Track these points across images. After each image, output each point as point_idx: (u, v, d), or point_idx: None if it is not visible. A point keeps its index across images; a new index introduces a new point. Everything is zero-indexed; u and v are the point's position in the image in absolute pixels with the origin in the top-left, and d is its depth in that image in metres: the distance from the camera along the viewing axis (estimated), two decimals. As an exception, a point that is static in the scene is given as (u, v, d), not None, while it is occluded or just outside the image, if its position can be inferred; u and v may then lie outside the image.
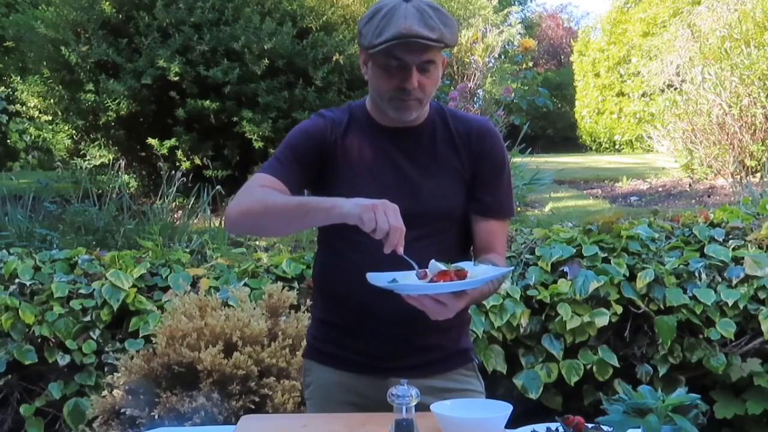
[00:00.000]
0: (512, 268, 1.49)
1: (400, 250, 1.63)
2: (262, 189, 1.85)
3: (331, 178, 1.93)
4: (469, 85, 7.11)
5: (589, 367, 3.56)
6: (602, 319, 3.55)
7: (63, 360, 3.59)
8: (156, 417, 2.80)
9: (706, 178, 8.55)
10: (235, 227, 1.96)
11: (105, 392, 3.11)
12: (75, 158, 9.12)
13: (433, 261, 1.70)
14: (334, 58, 7.62)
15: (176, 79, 7.45)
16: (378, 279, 1.69)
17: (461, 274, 1.67)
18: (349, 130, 1.95)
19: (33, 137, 11.60)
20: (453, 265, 1.70)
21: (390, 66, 1.82)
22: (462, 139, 1.95)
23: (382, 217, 1.61)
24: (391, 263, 1.70)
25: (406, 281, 1.69)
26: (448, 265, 1.69)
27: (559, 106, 18.66)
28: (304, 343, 2.12)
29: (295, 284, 3.71)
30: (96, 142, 8.67)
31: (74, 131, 9.06)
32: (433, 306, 1.67)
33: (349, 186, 1.89)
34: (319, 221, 1.84)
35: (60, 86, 8.32)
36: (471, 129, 1.97)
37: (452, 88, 6.86)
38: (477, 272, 1.70)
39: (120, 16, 7.87)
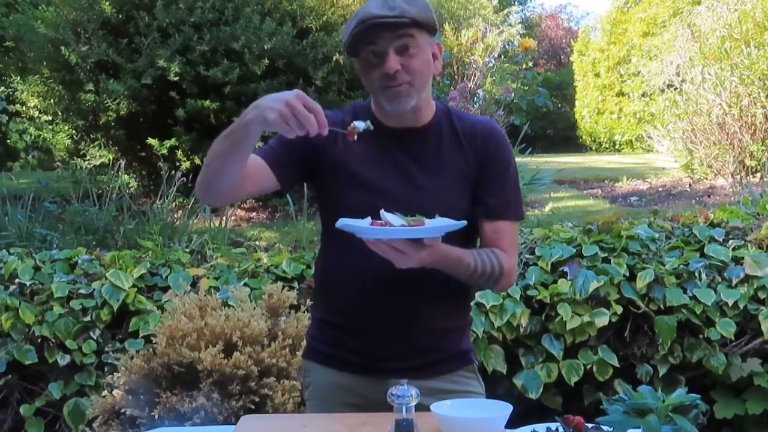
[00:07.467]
0: (464, 222, 1.44)
1: (325, 132, 1.67)
2: None
3: (333, 178, 1.93)
4: (469, 85, 7.12)
5: (589, 367, 3.56)
6: (602, 319, 3.55)
7: (63, 360, 3.59)
8: (156, 417, 2.79)
9: (706, 178, 8.54)
10: (200, 191, 1.93)
11: (105, 392, 3.11)
12: (75, 158, 9.11)
13: (389, 213, 1.70)
14: (334, 58, 7.62)
15: (176, 79, 7.45)
16: (348, 225, 1.69)
17: (418, 224, 1.69)
18: None
19: (33, 137, 11.58)
20: (412, 218, 1.71)
21: (370, 60, 1.84)
22: (468, 140, 1.94)
23: (286, 111, 1.62)
24: (391, 264, 1.70)
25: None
26: (407, 218, 1.70)
27: (559, 106, 18.64)
28: (304, 343, 2.12)
29: (295, 284, 3.71)
30: (96, 142, 8.67)
31: (74, 131, 9.05)
32: (392, 254, 1.67)
33: (353, 186, 1.90)
34: (240, 138, 1.77)
35: (60, 86, 8.32)
36: (477, 130, 1.96)
37: (452, 88, 6.86)
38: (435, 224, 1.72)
39: (120, 16, 7.86)
